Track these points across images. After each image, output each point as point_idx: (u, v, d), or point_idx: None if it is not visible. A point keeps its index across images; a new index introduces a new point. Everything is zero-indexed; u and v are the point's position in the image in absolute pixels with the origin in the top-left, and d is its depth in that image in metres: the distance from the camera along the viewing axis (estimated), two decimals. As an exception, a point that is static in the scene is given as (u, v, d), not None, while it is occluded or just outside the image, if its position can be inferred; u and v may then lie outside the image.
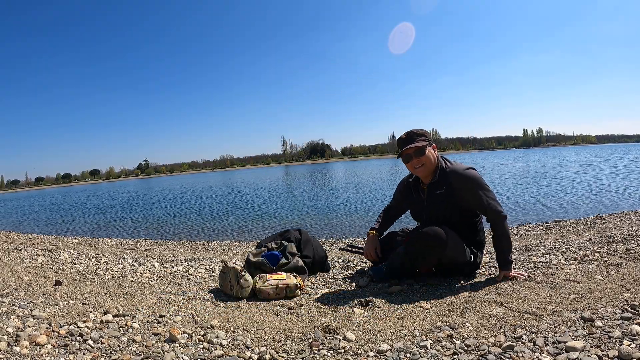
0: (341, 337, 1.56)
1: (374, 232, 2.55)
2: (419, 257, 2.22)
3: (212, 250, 5.02)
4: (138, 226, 10.29)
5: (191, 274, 2.97)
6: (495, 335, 1.46)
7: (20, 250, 4.09)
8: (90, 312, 1.81)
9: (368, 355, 1.40)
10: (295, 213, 10.04)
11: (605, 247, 2.69)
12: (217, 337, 1.57)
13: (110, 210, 15.91)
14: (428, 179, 2.25)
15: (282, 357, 1.43)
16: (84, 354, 1.39)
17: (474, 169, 2.21)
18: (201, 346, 1.50)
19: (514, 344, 1.37)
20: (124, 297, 2.22)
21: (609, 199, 8.68)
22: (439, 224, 2.14)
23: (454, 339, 1.46)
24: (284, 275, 2.33)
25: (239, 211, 11.43)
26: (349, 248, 3.02)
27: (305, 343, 1.53)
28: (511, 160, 37.59)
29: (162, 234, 8.52)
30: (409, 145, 2.18)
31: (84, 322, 1.66)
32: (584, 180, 13.31)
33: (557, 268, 2.27)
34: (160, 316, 1.80)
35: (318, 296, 2.22)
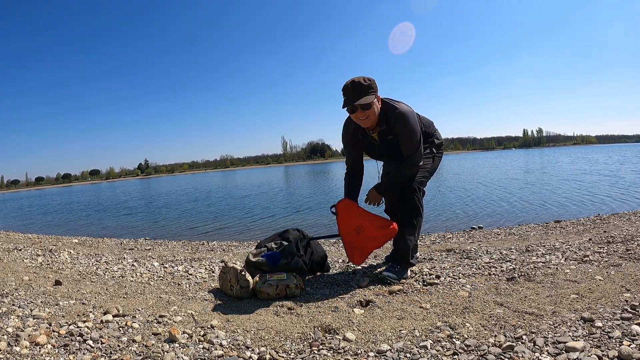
0: (341, 337, 1.56)
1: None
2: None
3: (212, 250, 5.02)
4: (138, 226, 10.29)
5: (191, 274, 2.97)
6: (495, 336, 1.46)
7: (20, 250, 4.09)
8: (90, 312, 1.81)
9: (368, 355, 1.40)
10: (295, 213, 10.03)
11: (605, 247, 2.69)
12: (217, 337, 1.58)
13: (144, 211, 14.68)
14: (371, 127, 2.35)
15: (282, 357, 1.43)
16: (84, 354, 1.39)
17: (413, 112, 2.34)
18: (201, 346, 1.50)
19: (514, 344, 1.37)
20: (124, 297, 2.22)
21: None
22: (398, 160, 2.41)
23: (454, 339, 1.46)
24: (284, 275, 2.33)
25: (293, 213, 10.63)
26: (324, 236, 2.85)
27: (305, 343, 1.53)
28: (530, 159, 36.90)
29: (162, 234, 8.51)
30: (357, 102, 2.18)
31: (84, 322, 1.66)
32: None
33: (557, 268, 2.27)
34: (160, 316, 1.80)
35: (318, 296, 2.22)
